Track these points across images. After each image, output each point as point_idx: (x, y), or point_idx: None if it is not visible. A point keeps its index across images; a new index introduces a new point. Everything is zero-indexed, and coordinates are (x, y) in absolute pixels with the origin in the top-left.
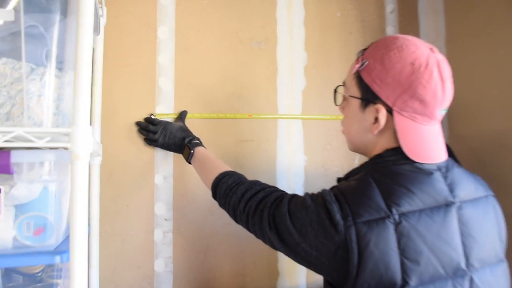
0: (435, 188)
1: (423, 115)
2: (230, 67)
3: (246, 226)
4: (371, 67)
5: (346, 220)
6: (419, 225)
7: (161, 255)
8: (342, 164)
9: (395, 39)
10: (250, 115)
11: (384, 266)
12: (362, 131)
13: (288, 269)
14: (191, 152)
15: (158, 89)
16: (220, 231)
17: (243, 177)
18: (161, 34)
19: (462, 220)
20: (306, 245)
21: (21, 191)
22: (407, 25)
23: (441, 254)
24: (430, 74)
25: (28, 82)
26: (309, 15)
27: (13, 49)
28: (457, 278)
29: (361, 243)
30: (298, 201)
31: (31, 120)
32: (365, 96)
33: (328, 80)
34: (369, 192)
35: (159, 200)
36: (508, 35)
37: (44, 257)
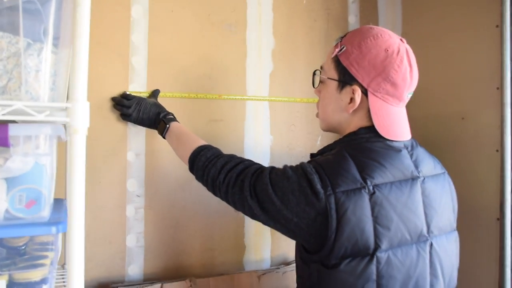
0: (403, 163)
1: (394, 97)
2: (201, 48)
3: (225, 196)
4: (349, 52)
5: (326, 189)
6: (390, 195)
7: (133, 230)
8: (305, 144)
9: (370, 29)
10: (220, 95)
11: (360, 231)
12: (338, 111)
13: (254, 244)
14: (166, 127)
15: (132, 67)
16: (190, 207)
17: (220, 151)
18: (135, 13)
19: (425, 192)
20: (287, 212)
21: (16, 163)
22: (368, 15)
23: (408, 222)
24: (401, 60)
25: (25, 57)
26: (277, 1)
27: (9, 23)
28: (420, 243)
29: (340, 210)
30: (278, 171)
31: (28, 94)
32: (342, 78)
33: (294, 65)
34: (345, 165)
35: (131, 176)
36: (458, 31)
37: (40, 228)
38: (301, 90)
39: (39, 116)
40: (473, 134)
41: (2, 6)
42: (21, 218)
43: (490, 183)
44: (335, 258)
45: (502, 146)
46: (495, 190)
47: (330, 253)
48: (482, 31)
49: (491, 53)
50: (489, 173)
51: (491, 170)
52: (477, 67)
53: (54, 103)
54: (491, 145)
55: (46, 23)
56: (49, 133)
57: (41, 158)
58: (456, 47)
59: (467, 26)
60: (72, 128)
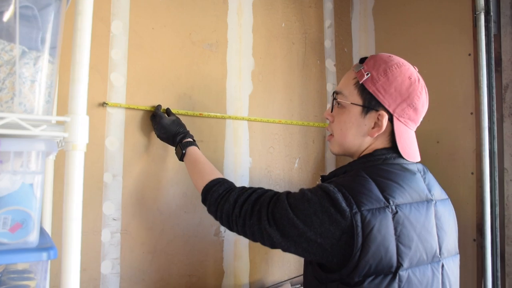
0: (418, 186)
1: (413, 121)
2: (182, 67)
3: (242, 229)
4: (375, 79)
5: (352, 207)
6: (411, 216)
7: (108, 256)
8: (283, 166)
9: (390, 57)
10: (201, 113)
11: (384, 249)
12: (359, 135)
13: (233, 269)
14: (182, 153)
15: (110, 84)
16: (168, 231)
17: (232, 184)
18: (115, 28)
19: (437, 215)
20: (311, 234)
21: (3, 182)
22: (342, 40)
23: (425, 242)
24: (422, 87)
25: (21, 65)
26: (257, 23)
27: (2, 28)
28: (434, 263)
29: (366, 228)
30: (296, 195)
31: (22, 106)
32: (368, 104)
33: (272, 86)
34: (368, 185)
35: (107, 199)
36: (431, 59)
37: (29, 254)
38: (279, 112)
39: (35, 131)
40: (448, 158)
41: None
42: (3, 243)
43: (466, 205)
44: (358, 276)
45: (479, 168)
46: (471, 212)
47: (353, 270)
48: (455, 59)
49: (464, 80)
50: (465, 195)
51: (467, 192)
52: (450, 93)
53: (51, 116)
54: (466, 168)
55: (44, 31)
56: (42, 149)
57: (31, 176)
58: (430, 73)
59: (440, 54)
60: (70, 144)
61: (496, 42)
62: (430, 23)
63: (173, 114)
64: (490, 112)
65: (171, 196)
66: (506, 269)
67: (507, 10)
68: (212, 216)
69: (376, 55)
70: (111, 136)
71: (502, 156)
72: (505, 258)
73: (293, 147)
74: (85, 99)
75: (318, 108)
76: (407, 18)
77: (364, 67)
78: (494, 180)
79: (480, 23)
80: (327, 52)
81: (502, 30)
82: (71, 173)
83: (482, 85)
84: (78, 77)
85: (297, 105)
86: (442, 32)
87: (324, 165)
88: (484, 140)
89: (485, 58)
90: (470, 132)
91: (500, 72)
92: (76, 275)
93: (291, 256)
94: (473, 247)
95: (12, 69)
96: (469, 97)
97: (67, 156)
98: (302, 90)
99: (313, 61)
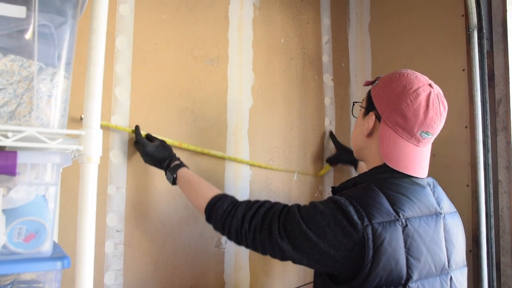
0: (428, 199)
1: (404, 130)
2: (184, 81)
3: (252, 243)
4: (378, 84)
5: (363, 220)
6: (420, 229)
7: (112, 267)
8: (283, 179)
9: (405, 70)
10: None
11: (394, 261)
12: (360, 135)
13: (234, 280)
14: (173, 177)
15: (115, 98)
16: (171, 242)
17: (234, 198)
18: (119, 44)
19: (446, 228)
20: (324, 245)
21: (20, 193)
22: (339, 55)
23: (434, 255)
24: (416, 97)
25: (38, 81)
26: (257, 38)
27: (20, 46)
28: (443, 275)
29: (377, 241)
30: (308, 208)
31: (39, 120)
32: (367, 106)
33: (272, 101)
34: (378, 199)
35: (111, 211)
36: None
37: (43, 263)
38: (279, 125)
39: (51, 144)
40: (444, 170)
41: (13, 29)
42: (18, 253)
43: (462, 216)
44: None
45: (474, 181)
46: (467, 223)
47: (363, 282)
48: (449, 75)
49: (458, 95)
50: (460, 207)
51: (462, 204)
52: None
53: (67, 130)
54: (461, 180)
55: (60, 48)
56: (57, 162)
57: (46, 188)
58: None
59: (435, 69)
60: (85, 157)
61: (489, 58)
62: (425, 39)
63: (155, 138)
64: (484, 125)
65: (173, 208)
66: (502, 279)
67: (499, 27)
68: (219, 232)
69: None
70: (115, 149)
71: (497, 168)
72: (501, 268)
73: (292, 160)
74: (99, 113)
75: (316, 122)
76: (402, 34)
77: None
78: (489, 192)
79: (473, 40)
80: (325, 67)
81: (495, 47)
82: (86, 185)
83: (476, 99)
84: (93, 93)
85: (296, 118)
86: (437, 48)
87: (323, 178)
88: (478, 153)
89: (479, 73)
90: (465, 145)
91: (493, 87)
92: (90, 284)
93: (291, 267)
94: (469, 257)
95: (30, 84)
96: (464, 111)
97: (82, 168)
98: (301, 104)
99: (311, 75)
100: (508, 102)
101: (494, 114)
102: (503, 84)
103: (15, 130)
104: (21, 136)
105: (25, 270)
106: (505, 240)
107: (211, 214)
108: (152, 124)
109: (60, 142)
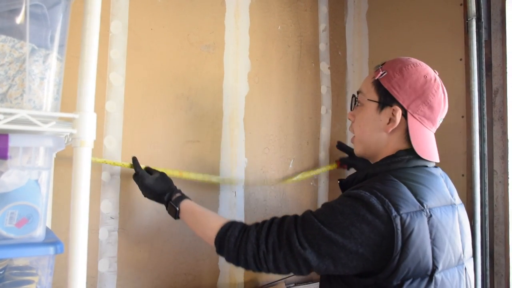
0: (444, 190)
1: (429, 120)
2: (180, 67)
3: (274, 264)
4: (390, 76)
5: (390, 211)
6: (442, 219)
7: (105, 254)
8: (278, 167)
9: (409, 59)
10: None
11: (422, 252)
12: (376, 130)
13: (229, 268)
14: (177, 210)
15: (109, 84)
16: (165, 229)
17: (244, 224)
18: (114, 28)
19: (459, 219)
20: (352, 245)
21: (11, 178)
22: (337, 43)
23: (453, 245)
24: (438, 86)
25: (30, 63)
26: (254, 25)
27: (12, 27)
28: (459, 266)
29: (405, 232)
30: (325, 211)
31: (31, 103)
32: (383, 100)
33: (268, 88)
34: (401, 189)
35: (105, 197)
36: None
37: (36, 248)
38: (275, 113)
39: (44, 127)
40: (440, 160)
41: (4, 8)
42: (10, 238)
43: None
44: (397, 280)
45: (469, 170)
46: None
47: (391, 274)
48: (447, 64)
49: (455, 84)
50: None
51: (458, 194)
52: None
53: (60, 113)
54: (457, 170)
55: (53, 29)
56: (50, 146)
57: (38, 172)
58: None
59: (432, 58)
60: (78, 140)
61: (487, 47)
62: (423, 28)
63: (155, 171)
64: (480, 115)
65: None
66: (495, 268)
67: (498, 17)
68: (233, 263)
69: (396, 58)
70: (109, 135)
71: (492, 158)
72: (494, 258)
73: (288, 148)
74: (93, 96)
75: (312, 110)
76: (400, 23)
77: (382, 66)
78: (484, 182)
79: (471, 29)
80: (321, 55)
81: (493, 36)
82: (79, 169)
83: (473, 89)
84: (87, 75)
85: (292, 106)
86: (434, 37)
87: (318, 165)
88: (474, 142)
89: (476, 63)
90: (461, 135)
91: (490, 77)
92: (83, 269)
93: None
94: None
95: (22, 66)
96: (461, 100)
97: (75, 152)
98: (297, 92)
99: (308, 63)
100: (505, 92)
101: (491, 104)
102: (501, 74)
103: (6, 113)
104: (13, 119)
105: (17, 255)
106: (499, 229)
107: (222, 245)
108: (147, 111)
109: (52, 126)
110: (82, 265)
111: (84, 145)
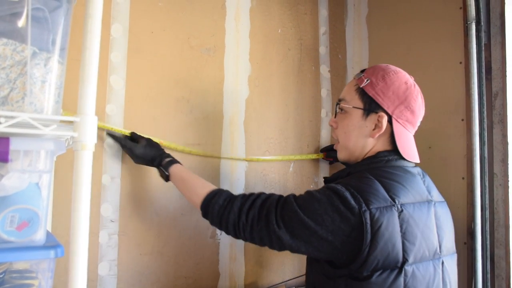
0: (420, 187)
1: (411, 124)
2: (180, 71)
3: (250, 235)
4: (374, 83)
5: (361, 206)
6: (414, 214)
7: (106, 258)
8: (278, 170)
9: (388, 66)
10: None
11: (391, 245)
12: (362, 136)
13: (229, 271)
14: (166, 175)
15: (110, 87)
16: (165, 233)
17: (230, 193)
18: (115, 32)
19: (437, 215)
20: (323, 232)
21: (12, 181)
22: (337, 47)
23: (427, 239)
24: (418, 92)
25: (32, 66)
26: (254, 29)
27: (13, 30)
28: (435, 260)
29: (374, 225)
30: (305, 197)
31: (32, 106)
32: (368, 106)
33: (268, 91)
34: (374, 185)
35: (105, 201)
36: (423, 66)
37: (37, 252)
38: (276, 116)
39: (45, 130)
40: (440, 163)
41: (6, 12)
42: (10, 241)
43: (457, 209)
44: (367, 271)
45: (470, 173)
46: (462, 216)
47: (362, 265)
48: (447, 67)
49: (455, 87)
50: (456, 199)
51: (458, 196)
52: (442, 100)
53: (61, 116)
54: (457, 173)
55: (54, 32)
56: (51, 149)
57: (39, 175)
58: (421, 81)
59: (432, 62)
60: (79, 144)
61: (487, 51)
62: (423, 32)
63: (141, 137)
64: (480, 118)
65: (168, 198)
66: (496, 271)
67: (497, 20)
68: (216, 227)
69: (375, 65)
70: (109, 138)
71: (492, 161)
72: (495, 261)
73: (288, 151)
74: (94, 100)
75: (313, 113)
76: (400, 26)
77: (364, 74)
78: (485, 184)
79: (471, 32)
80: (321, 58)
81: (492, 40)
82: (80, 172)
83: (473, 92)
84: (88, 78)
85: (292, 109)
86: (434, 41)
87: (318, 169)
88: (475, 145)
89: (476, 66)
90: (461, 138)
91: (490, 80)
92: (84, 272)
93: (286, 258)
94: (464, 250)
95: (23, 69)
96: (461, 104)
97: (76, 155)
98: (297, 95)
99: (308, 67)
100: (505, 95)
101: (491, 107)
102: (500, 77)
103: (7, 116)
104: (14, 122)
105: (18, 258)
106: (499, 232)
107: (207, 211)
108: (147, 114)
109: (53, 129)
110: (83, 269)
111: (85, 148)
